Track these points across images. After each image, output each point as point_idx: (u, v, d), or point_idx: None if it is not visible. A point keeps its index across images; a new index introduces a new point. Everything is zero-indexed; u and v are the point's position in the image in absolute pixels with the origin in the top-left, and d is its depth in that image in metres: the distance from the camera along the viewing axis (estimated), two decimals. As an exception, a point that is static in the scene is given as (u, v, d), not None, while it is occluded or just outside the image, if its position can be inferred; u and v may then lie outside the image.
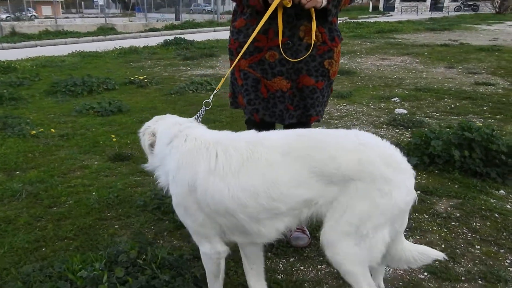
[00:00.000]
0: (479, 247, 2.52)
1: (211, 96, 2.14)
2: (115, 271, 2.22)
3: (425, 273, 2.30)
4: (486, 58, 9.86)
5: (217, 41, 14.29)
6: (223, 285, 1.99)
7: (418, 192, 3.27)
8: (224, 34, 17.76)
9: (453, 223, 2.79)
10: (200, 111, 2.10)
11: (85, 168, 3.80)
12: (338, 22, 2.44)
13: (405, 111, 5.51)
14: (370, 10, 42.45)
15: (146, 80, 7.53)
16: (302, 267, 2.39)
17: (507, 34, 16.39)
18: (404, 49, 11.82)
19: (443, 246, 2.54)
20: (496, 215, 2.85)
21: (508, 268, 2.32)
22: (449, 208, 2.98)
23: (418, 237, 2.64)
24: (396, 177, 1.58)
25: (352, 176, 1.58)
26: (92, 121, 5.24)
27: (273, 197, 1.62)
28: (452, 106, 5.76)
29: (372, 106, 5.88)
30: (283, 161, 1.63)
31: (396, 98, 6.23)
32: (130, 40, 16.21)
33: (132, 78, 7.59)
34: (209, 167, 1.69)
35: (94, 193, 3.29)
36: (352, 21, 23.04)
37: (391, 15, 35.64)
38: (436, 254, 1.81)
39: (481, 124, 4.16)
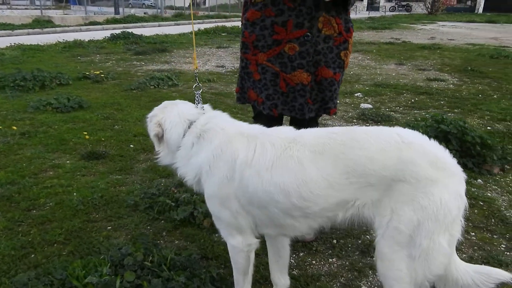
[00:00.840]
0: (474, 233, 2.65)
1: (197, 79, 2.11)
2: (124, 275, 2.09)
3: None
4: (430, 56, 10.42)
5: (166, 36, 13.93)
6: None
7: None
8: (170, 29, 17.41)
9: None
10: (197, 97, 2.02)
11: (58, 167, 3.55)
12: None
13: (370, 106, 5.69)
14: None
15: (102, 75, 7.17)
16: (314, 262, 2.39)
17: (442, 34, 17.45)
18: (353, 46, 12.17)
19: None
20: (481, 203, 3.02)
21: (505, 252, 2.47)
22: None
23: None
24: (443, 179, 1.48)
25: (393, 177, 1.50)
26: (52, 117, 4.89)
27: (303, 196, 1.59)
28: (412, 100, 6.03)
29: (338, 102, 5.99)
30: (315, 160, 1.58)
31: (359, 93, 6.42)
32: (70, 34, 15.33)
33: (87, 73, 7.20)
34: (247, 159, 1.66)
35: (75, 193, 3.08)
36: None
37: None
38: (502, 275, 1.58)
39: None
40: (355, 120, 5.08)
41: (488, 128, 4.73)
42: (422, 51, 11.28)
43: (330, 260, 2.40)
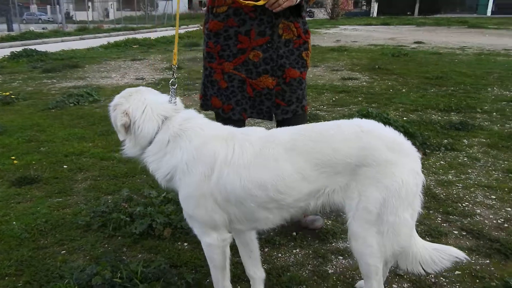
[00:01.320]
0: (413, 211, 2.93)
1: (174, 75, 2.16)
2: (95, 296, 2.02)
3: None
4: (340, 57, 11.15)
5: (73, 51, 13.24)
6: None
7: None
8: (75, 43, 16.55)
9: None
10: (172, 92, 2.02)
11: (-13, 197, 3.26)
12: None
13: (296, 107, 5.95)
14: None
15: (12, 96, 6.66)
16: (280, 255, 2.49)
17: (346, 36, 18.70)
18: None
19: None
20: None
21: (442, 224, 2.78)
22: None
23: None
24: (401, 160, 1.64)
25: (357, 163, 1.65)
26: (-34, 146, 4.47)
27: (279, 190, 1.71)
28: (334, 99, 6.42)
29: (266, 105, 6.20)
30: (288, 156, 1.70)
31: (284, 95, 6.67)
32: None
33: (-6, 95, 6.64)
34: (226, 159, 1.73)
35: (14, 222, 2.86)
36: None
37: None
38: (458, 254, 1.79)
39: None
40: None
41: (404, 118, 5.21)
42: (332, 53, 12.02)
43: (294, 251, 2.52)
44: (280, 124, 2.51)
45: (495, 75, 8.17)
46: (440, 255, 1.80)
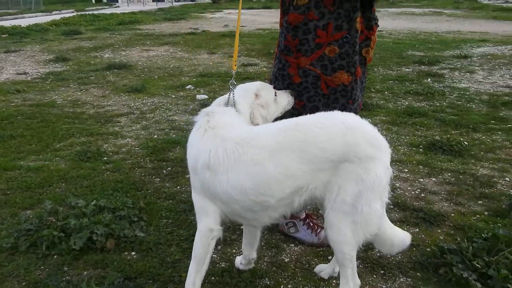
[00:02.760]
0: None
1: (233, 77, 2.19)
2: (51, 325, 1.83)
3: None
4: (233, 43, 11.21)
5: None
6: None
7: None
8: None
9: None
10: (230, 94, 2.07)
11: None
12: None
13: (206, 96, 5.91)
14: (94, 1, 40.94)
15: None
16: (234, 251, 2.49)
17: (232, 21, 18.81)
18: (158, 39, 12.20)
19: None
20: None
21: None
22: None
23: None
24: (378, 155, 1.73)
25: (340, 159, 1.71)
26: None
27: (261, 192, 1.74)
28: (240, 86, 6.49)
29: (173, 96, 6.05)
30: (273, 158, 1.72)
31: (190, 85, 6.57)
32: None
33: None
34: (205, 162, 1.79)
35: None
36: (87, 13, 21.86)
37: (118, 6, 35.40)
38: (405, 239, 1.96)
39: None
40: (199, 112, 5.22)
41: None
42: (224, 38, 12.05)
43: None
44: None
45: (377, 56, 8.98)
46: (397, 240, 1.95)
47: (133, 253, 2.46)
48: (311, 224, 2.59)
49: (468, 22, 16.86)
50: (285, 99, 2.23)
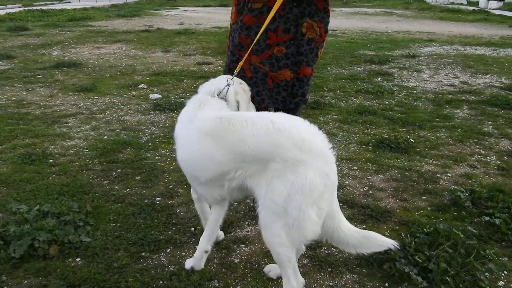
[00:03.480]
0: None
1: (235, 73, 2.40)
2: None
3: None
4: (189, 41, 11.12)
5: None
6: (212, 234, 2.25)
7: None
8: None
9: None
10: (226, 87, 2.23)
11: None
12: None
13: (159, 96, 5.81)
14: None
15: None
16: (183, 253, 2.46)
17: (188, 19, 18.61)
18: (110, 36, 11.86)
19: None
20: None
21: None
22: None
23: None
24: (309, 160, 1.71)
25: (264, 157, 1.76)
26: None
27: (194, 168, 2.01)
28: (194, 85, 6.42)
29: (125, 95, 5.90)
30: (206, 140, 1.89)
31: (143, 84, 6.43)
32: None
33: None
34: (179, 137, 2.08)
35: None
36: (35, 8, 20.90)
37: (69, 2, 34.07)
38: (386, 242, 1.86)
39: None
40: (152, 112, 5.14)
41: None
42: (180, 36, 11.89)
43: (197, 246, 2.51)
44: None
45: (331, 55, 9.17)
46: (370, 243, 1.89)
47: (77, 259, 2.38)
48: None
49: (417, 22, 17.52)
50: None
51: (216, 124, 1.87)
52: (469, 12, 21.96)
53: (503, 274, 2.34)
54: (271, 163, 1.76)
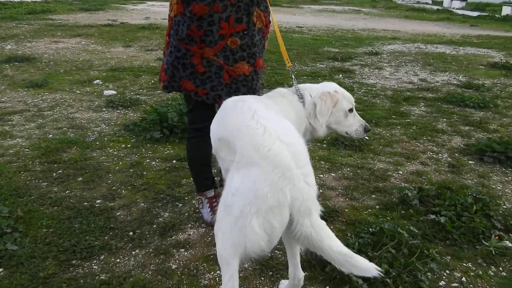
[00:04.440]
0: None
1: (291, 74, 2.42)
2: None
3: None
4: (152, 36, 10.85)
5: None
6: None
7: (174, 161, 3.59)
8: None
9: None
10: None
11: None
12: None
13: (114, 92, 5.61)
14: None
15: None
16: (118, 260, 2.33)
17: (155, 13, 18.24)
18: (70, 30, 11.44)
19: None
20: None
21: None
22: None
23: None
24: (263, 166, 1.55)
25: (233, 145, 1.76)
26: None
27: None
28: (152, 81, 6.25)
29: (78, 92, 5.66)
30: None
31: (98, 80, 6.20)
32: None
33: None
34: None
35: None
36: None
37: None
38: (369, 270, 1.56)
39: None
40: (104, 109, 4.94)
41: (223, 98, 5.41)
42: (143, 31, 11.59)
43: (134, 252, 2.39)
44: None
45: (294, 52, 9.12)
46: (354, 269, 1.59)
47: (0, 269, 2.21)
48: (213, 205, 2.69)
49: (383, 20, 17.76)
50: (356, 123, 2.38)
51: (228, 107, 1.96)
52: (433, 11, 22.46)
53: (445, 274, 2.31)
54: (236, 154, 1.69)
